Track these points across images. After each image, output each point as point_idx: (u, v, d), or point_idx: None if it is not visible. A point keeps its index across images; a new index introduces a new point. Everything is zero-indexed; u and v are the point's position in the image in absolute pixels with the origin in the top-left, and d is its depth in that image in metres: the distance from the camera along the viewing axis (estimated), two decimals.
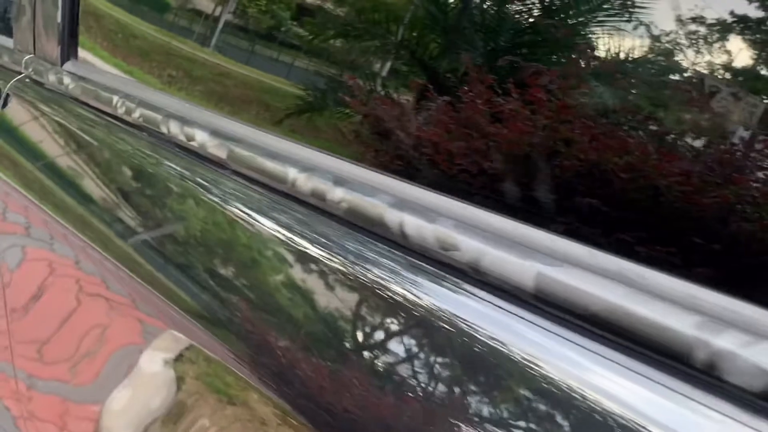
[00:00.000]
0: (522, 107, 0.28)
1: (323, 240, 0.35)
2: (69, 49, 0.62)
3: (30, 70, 0.68)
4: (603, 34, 0.27)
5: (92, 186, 0.53)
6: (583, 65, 0.28)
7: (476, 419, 0.26)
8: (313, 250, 0.35)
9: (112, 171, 0.53)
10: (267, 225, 0.40)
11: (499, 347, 0.26)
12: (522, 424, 0.25)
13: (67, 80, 0.60)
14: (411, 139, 0.32)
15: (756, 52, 0.24)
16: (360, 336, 0.31)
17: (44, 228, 0.60)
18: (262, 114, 0.43)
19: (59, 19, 0.60)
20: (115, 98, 0.54)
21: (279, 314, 0.36)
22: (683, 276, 0.24)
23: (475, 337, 0.27)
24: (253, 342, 0.36)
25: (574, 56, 0.29)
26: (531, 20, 0.31)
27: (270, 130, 0.42)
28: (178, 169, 0.45)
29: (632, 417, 0.22)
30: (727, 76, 0.24)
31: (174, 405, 0.40)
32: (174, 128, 0.46)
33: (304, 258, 0.35)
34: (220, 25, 0.47)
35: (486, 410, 0.26)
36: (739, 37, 0.24)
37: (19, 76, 0.70)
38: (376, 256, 0.32)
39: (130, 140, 0.53)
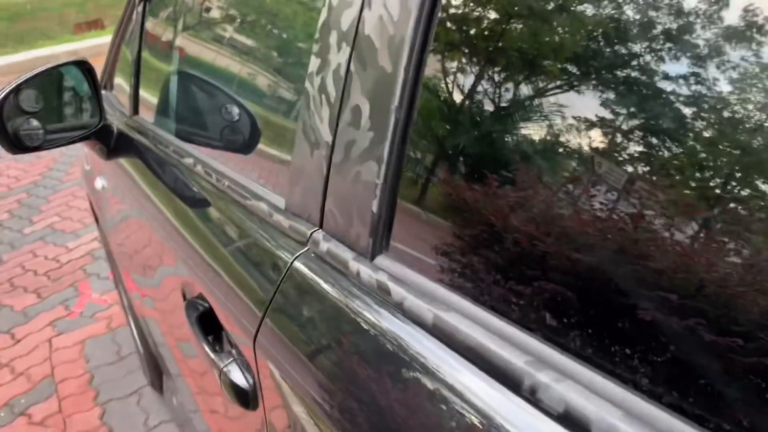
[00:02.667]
0: None
1: None
2: (382, 243, 0.48)
3: (319, 248, 0.53)
4: None
5: None
6: None
7: None
8: None
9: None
10: None
11: None
12: None
13: (375, 276, 0.46)
14: None
15: None
16: None
17: None
18: None
19: (375, 208, 0.46)
20: (431, 312, 0.40)
21: None
22: None
23: None
24: None
25: None
26: None
27: None
28: None
29: None
30: None
31: None
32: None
33: None
34: None
35: None
36: None
37: (303, 250, 0.56)
38: None
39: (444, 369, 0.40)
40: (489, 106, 0.38)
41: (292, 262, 0.55)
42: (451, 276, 0.40)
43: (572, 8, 0.34)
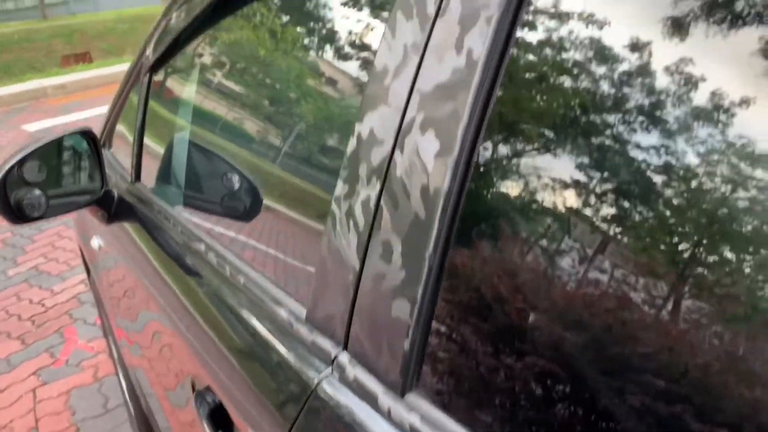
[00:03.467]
0: None
1: None
2: (413, 380, 0.46)
3: (346, 373, 0.52)
4: None
5: None
6: None
7: None
8: None
9: None
10: None
11: None
12: None
13: (408, 418, 0.44)
14: None
15: None
16: None
17: None
18: None
19: (406, 346, 0.45)
20: None
21: None
22: None
23: None
24: None
25: None
26: None
27: None
28: None
29: None
30: None
31: None
32: None
33: None
34: None
35: None
36: None
37: (328, 371, 0.54)
38: None
39: None
40: (525, 257, 0.39)
41: (317, 385, 0.55)
42: (486, 422, 0.41)
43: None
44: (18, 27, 18.40)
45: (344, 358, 0.53)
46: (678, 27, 0.32)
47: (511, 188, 0.40)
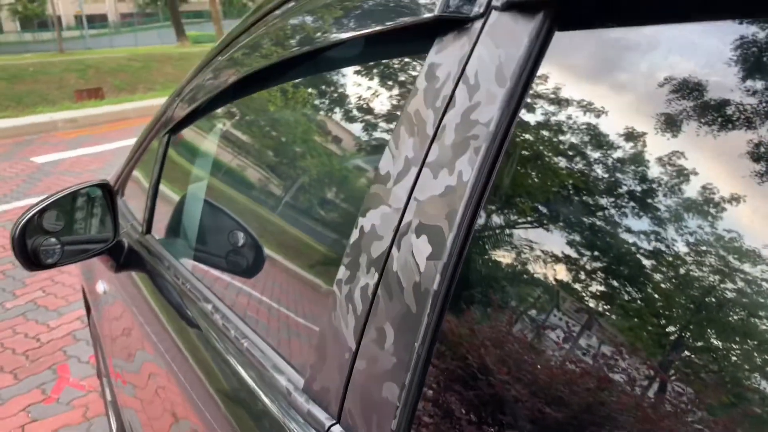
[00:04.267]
0: None
1: None
2: None
3: None
4: None
5: None
6: None
7: None
8: None
9: None
10: None
11: None
12: None
13: None
14: None
15: None
16: None
17: None
18: None
19: (393, 426, 0.50)
20: None
21: None
22: None
23: None
24: None
25: None
26: None
27: None
28: None
29: None
30: None
31: None
32: None
33: None
34: None
35: None
36: None
37: None
38: None
39: None
40: (502, 357, 0.45)
41: None
42: None
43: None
44: (34, 59, 18.88)
45: (337, 430, 0.58)
46: (673, 149, 0.38)
47: (493, 294, 0.46)
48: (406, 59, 0.63)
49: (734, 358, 0.34)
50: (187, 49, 21.21)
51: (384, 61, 0.68)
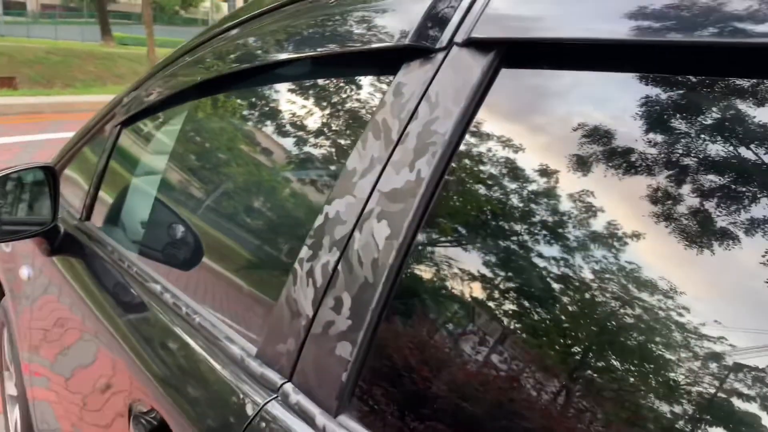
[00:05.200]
0: None
1: None
2: (346, 404, 0.60)
3: (289, 399, 0.65)
4: None
5: None
6: None
7: None
8: None
9: None
10: None
11: None
12: None
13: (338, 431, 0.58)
14: None
15: None
16: None
17: None
18: None
19: (344, 378, 0.60)
20: None
21: None
22: None
23: None
24: None
25: None
26: None
27: None
28: None
29: None
30: None
31: None
32: None
33: None
34: None
35: None
36: None
37: (273, 397, 0.67)
38: None
39: None
40: (439, 322, 0.56)
41: (262, 407, 0.67)
42: None
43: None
44: None
45: (288, 387, 0.67)
46: (580, 165, 0.50)
47: (437, 268, 0.57)
48: (376, 77, 0.74)
49: (630, 377, 0.43)
50: (111, 49, 20.44)
51: (356, 77, 0.79)
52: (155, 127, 1.33)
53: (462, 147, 0.58)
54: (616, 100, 0.51)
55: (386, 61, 0.69)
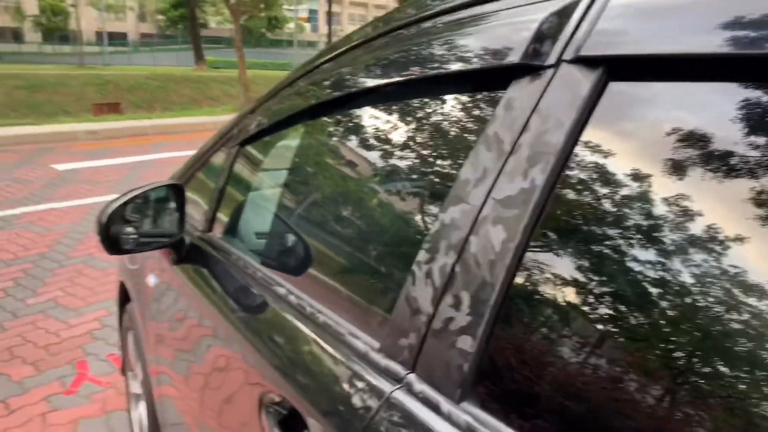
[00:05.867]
0: None
1: None
2: (470, 393, 0.65)
3: (413, 388, 0.71)
4: None
5: None
6: None
7: None
8: None
9: None
10: None
11: None
12: None
13: (463, 417, 0.64)
14: None
15: None
16: None
17: None
18: None
19: (466, 369, 0.65)
20: None
21: None
22: None
23: None
24: None
25: None
26: None
27: None
28: None
29: None
30: None
31: None
32: None
33: None
34: None
35: None
36: None
37: (397, 387, 0.73)
38: None
39: None
40: (558, 319, 0.61)
41: (389, 395, 0.73)
42: (524, 424, 0.61)
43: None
44: (54, 71, 19.34)
45: (412, 377, 0.73)
46: (688, 174, 0.54)
47: (551, 269, 0.63)
48: (486, 94, 0.81)
49: (740, 383, 0.45)
50: (204, 72, 21.62)
51: (466, 95, 0.86)
52: (270, 147, 1.45)
53: (573, 156, 0.63)
54: (721, 111, 0.55)
55: (496, 79, 0.75)
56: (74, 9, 31.38)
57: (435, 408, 0.69)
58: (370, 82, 1.01)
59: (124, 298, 2.24)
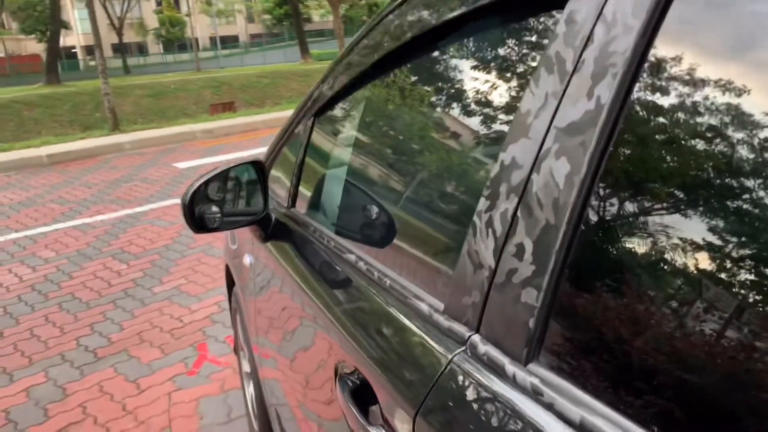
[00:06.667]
0: None
1: None
2: (535, 353, 0.58)
3: (477, 350, 0.64)
4: None
5: None
6: None
7: None
8: None
9: None
10: None
11: None
12: None
13: (529, 379, 0.56)
14: None
15: None
16: None
17: None
18: None
19: (531, 325, 0.57)
20: (578, 414, 0.50)
21: None
22: None
23: None
24: None
25: None
26: None
27: None
28: None
29: None
30: None
31: None
32: None
33: None
34: None
35: None
36: None
37: (461, 349, 0.67)
38: None
39: None
40: (635, 262, 0.51)
41: (451, 359, 0.67)
42: (597, 385, 0.52)
43: None
44: (174, 78, 20.75)
45: (476, 338, 0.66)
46: None
47: (626, 205, 0.52)
48: (545, 13, 0.70)
49: None
50: (310, 65, 22.25)
51: (521, 21, 0.75)
52: (341, 113, 1.41)
53: (646, 65, 0.52)
54: None
55: None
56: (189, 18, 33.40)
57: (500, 371, 0.61)
58: (417, 31, 0.93)
59: (231, 281, 2.31)
